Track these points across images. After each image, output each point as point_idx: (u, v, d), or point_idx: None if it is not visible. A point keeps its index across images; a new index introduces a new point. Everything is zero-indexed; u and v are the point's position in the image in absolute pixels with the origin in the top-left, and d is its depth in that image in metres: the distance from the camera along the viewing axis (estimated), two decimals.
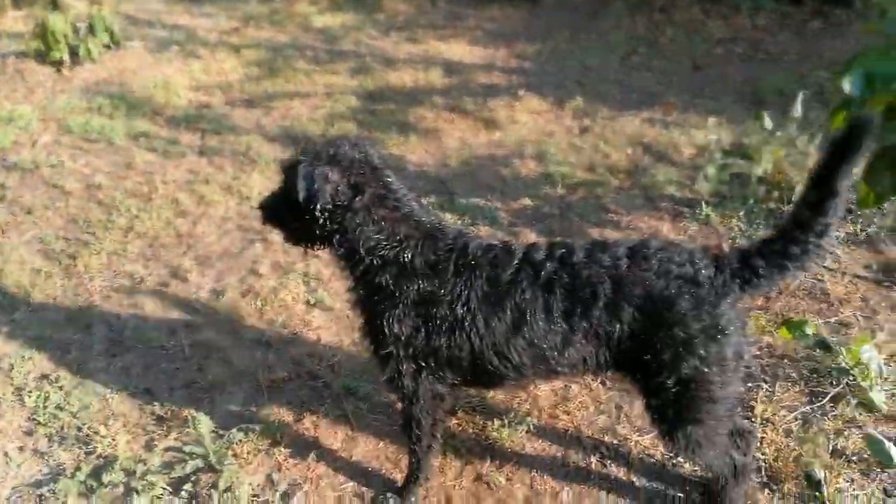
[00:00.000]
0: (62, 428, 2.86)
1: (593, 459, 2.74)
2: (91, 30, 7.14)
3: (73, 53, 6.90)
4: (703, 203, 4.44)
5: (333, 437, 2.84)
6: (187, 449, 2.73)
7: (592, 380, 3.08)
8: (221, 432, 2.80)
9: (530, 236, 4.20)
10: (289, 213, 2.29)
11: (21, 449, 2.79)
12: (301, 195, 2.12)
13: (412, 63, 7.45)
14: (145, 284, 3.79)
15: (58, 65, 6.83)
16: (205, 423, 2.76)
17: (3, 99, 6.24)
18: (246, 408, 2.97)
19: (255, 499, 2.55)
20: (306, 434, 2.85)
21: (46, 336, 3.38)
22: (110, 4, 7.26)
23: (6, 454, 2.76)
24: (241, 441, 2.75)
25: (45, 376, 3.14)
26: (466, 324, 2.19)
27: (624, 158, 5.18)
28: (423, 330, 2.23)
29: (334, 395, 3.04)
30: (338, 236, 2.24)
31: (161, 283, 3.81)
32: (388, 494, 2.54)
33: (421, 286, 2.20)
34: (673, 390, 2.12)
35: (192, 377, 3.14)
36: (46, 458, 2.75)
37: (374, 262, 2.22)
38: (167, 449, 2.76)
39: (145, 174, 5.00)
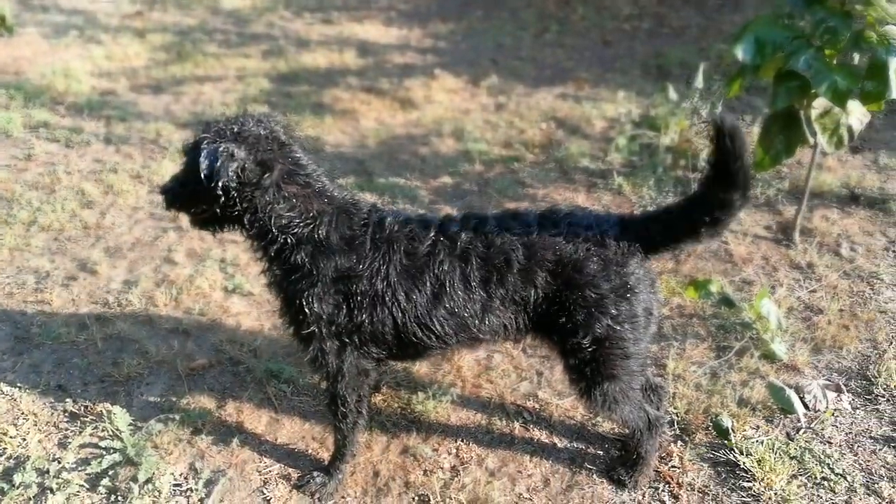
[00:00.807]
0: None
1: (517, 425, 2.81)
2: None
3: None
4: (615, 173, 4.58)
5: (257, 421, 2.81)
6: (104, 444, 2.65)
7: (514, 347, 3.16)
8: (140, 424, 2.72)
9: (451, 213, 4.24)
10: (193, 195, 2.21)
11: None
12: (204, 173, 2.05)
13: (326, 44, 7.34)
14: (52, 279, 3.62)
15: None
16: (121, 417, 2.68)
17: None
18: (165, 398, 2.89)
19: (177, 488, 2.50)
20: (229, 420, 2.80)
21: None
22: None
23: None
24: (160, 432, 2.68)
25: None
26: (387, 298, 2.20)
27: (539, 133, 5.28)
28: (344, 307, 2.22)
29: (257, 379, 3.00)
30: (248, 216, 2.19)
31: (69, 276, 3.65)
32: (315, 473, 2.53)
33: (339, 262, 2.18)
34: (588, 349, 2.20)
35: (106, 371, 3.03)
36: None
37: (288, 240, 2.19)
38: (83, 445, 2.66)
39: (47, 165, 4.75)
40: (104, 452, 2.61)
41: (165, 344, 3.19)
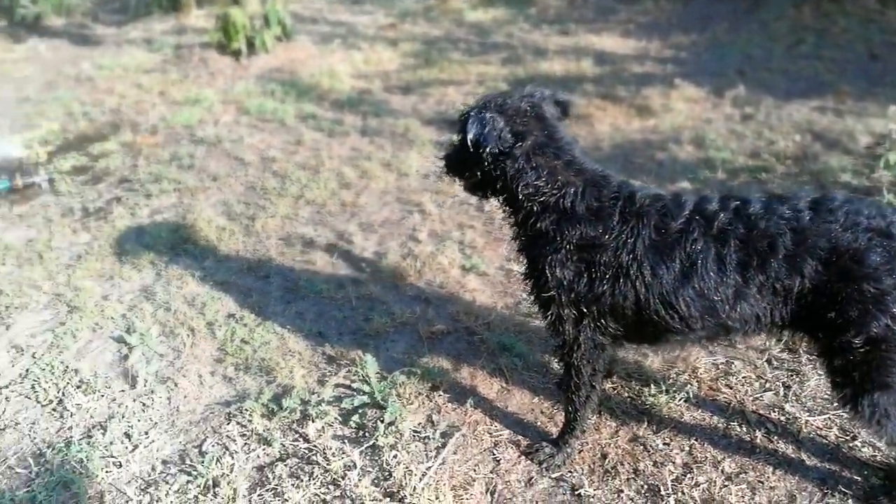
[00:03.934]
0: (247, 359, 3.14)
1: (758, 434, 2.63)
2: (266, 23, 7.74)
3: (250, 44, 7.52)
4: (884, 191, 4.13)
5: (489, 388, 2.92)
6: (355, 386, 2.92)
7: (758, 357, 2.97)
8: (385, 374, 2.95)
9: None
10: (464, 161, 2.40)
11: (212, 374, 3.09)
12: (471, 139, 2.21)
13: (563, 54, 7.46)
14: (315, 244, 4.07)
15: (236, 54, 7.47)
16: (371, 365, 2.93)
17: (190, 84, 6.93)
18: (407, 355, 3.12)
19: (416, 434, 2.68)
20: (463, 383, 2.94)
21: (231, 282, 3.73)
22: (281, 1, 7.82)
23: (200, 377, 3.07)
24: (403, 383, 2.89)
25: (231, 315, 3.46)
26: (632, 271, 2.15)
27: (791, 145, 4.91)
28: (585, 276, 2.21)
29: (490, 350, 3.12)
30: (500, 183, 2.31)
31: (329, 244, 4.08)
32: (544, 444, 2.57)
33: (584, 231, 2.19)
34: (860, 351, 1.99)
35: (358, 325, 3.35)
36: (234, 382, 3.03)
37: (535, 207, 2.25)
38: (337, 385, 2.95)
39: (313, 150, 5.36)
40: (355, 394, 2.88)
41: (409, 308, 3.43)
